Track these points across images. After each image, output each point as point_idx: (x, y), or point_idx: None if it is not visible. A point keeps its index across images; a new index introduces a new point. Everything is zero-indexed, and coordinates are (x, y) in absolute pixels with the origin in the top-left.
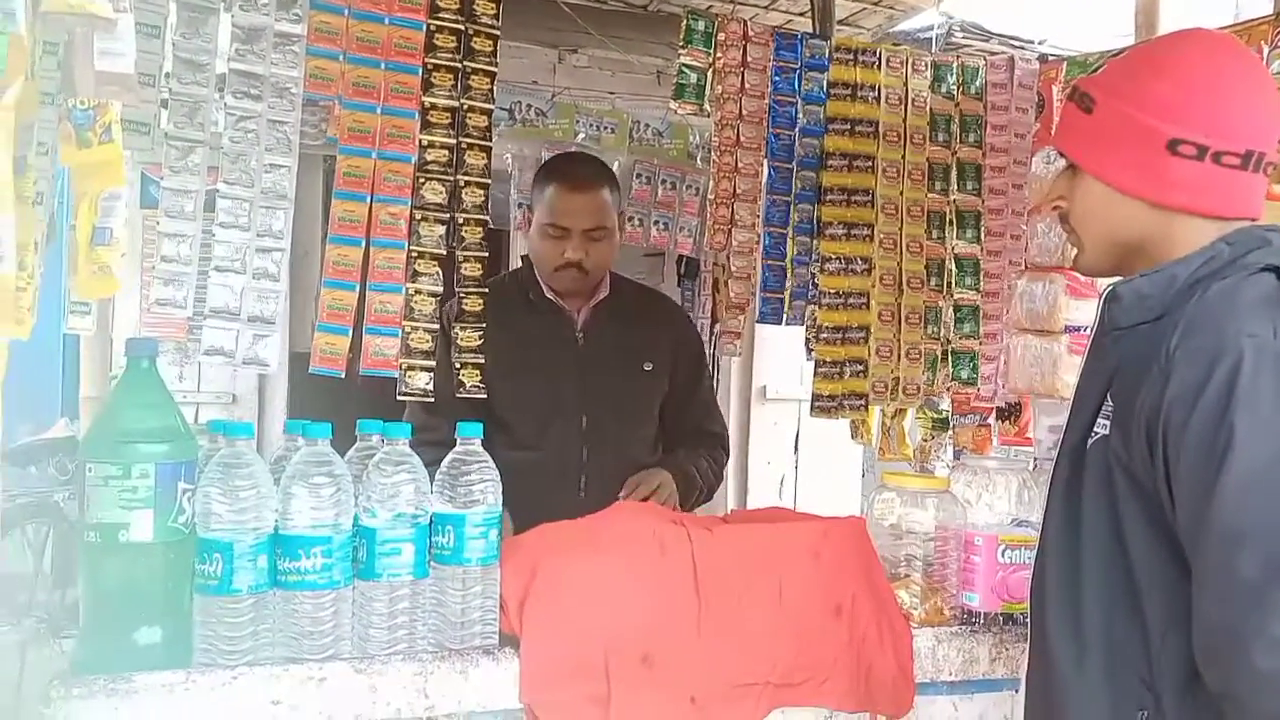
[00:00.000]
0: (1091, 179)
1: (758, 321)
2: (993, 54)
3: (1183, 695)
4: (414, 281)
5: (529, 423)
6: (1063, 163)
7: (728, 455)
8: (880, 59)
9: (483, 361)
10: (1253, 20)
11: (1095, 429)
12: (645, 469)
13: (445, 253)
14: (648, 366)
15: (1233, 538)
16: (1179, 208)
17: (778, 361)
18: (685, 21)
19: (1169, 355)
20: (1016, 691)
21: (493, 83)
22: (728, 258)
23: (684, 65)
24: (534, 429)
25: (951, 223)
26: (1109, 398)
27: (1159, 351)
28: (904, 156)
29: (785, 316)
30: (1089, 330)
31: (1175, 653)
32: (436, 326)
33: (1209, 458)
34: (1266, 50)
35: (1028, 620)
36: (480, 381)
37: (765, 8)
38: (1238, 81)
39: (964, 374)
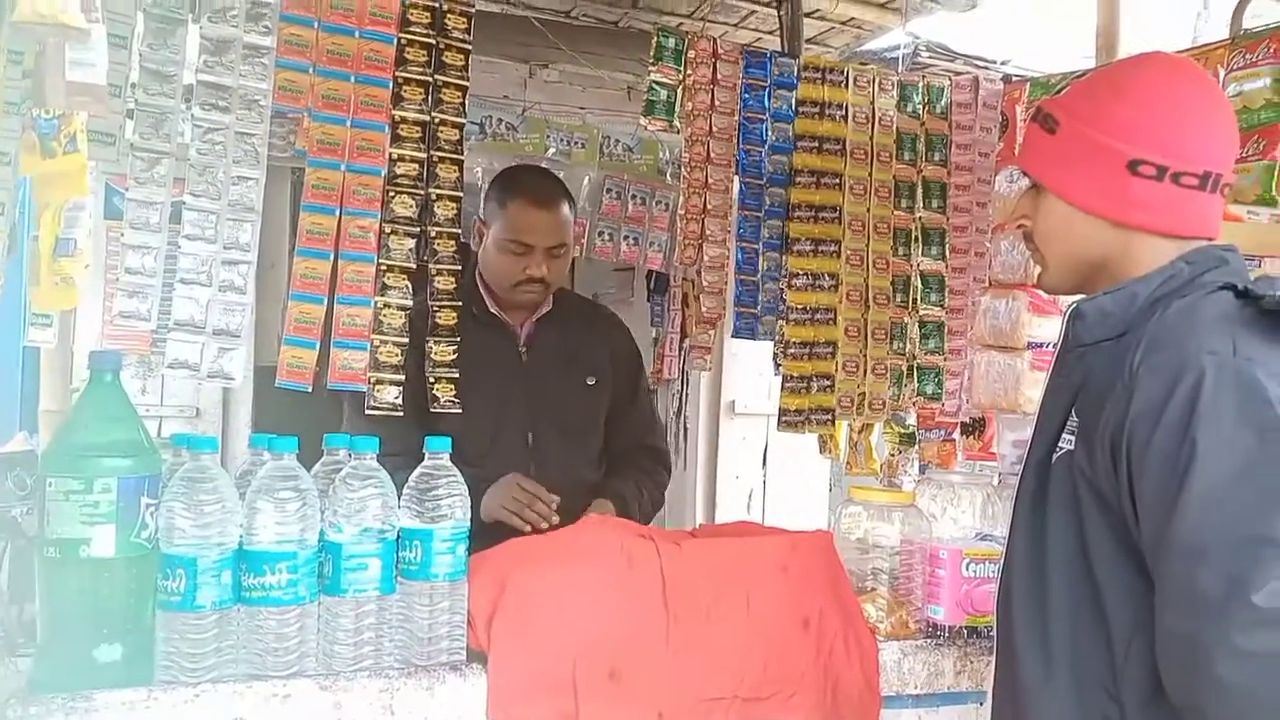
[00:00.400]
0: (1054, 198)
1: (732, 336)
2: (958, 74)
3: (1147, 707)
4: (383, 295)
5: (475, 439)
6: (1026, 182)
7: (668, 473)
8: (848, 78)
9: (457, 375)
10: (1209, 44)
11: (1060, 444)
12: (591, 484)
13: (414, 266)
14: (590, 380)
15: (1194, 552)
16: (1139, 226)
17: (746, 376)
18: (655, 38)
19: (1132, 372)
20: (981, 704)
21: (464, 96)
22: (698, 273)
23: (654, 82)
24: (480, 445)
25: (917, 240)
26: (1073, 413)
27: (1122, 368)
28: (870, 174)
29: (758, 331)
30: (1053, 346)
31: (1139, 664)
32: (406, 340)
33: (1171, 473)
34: (1223, 74)
35: (993, 633)
36: (455, 396)
37: (735, 25)
38: (1196, 104)
39: (929, 389)
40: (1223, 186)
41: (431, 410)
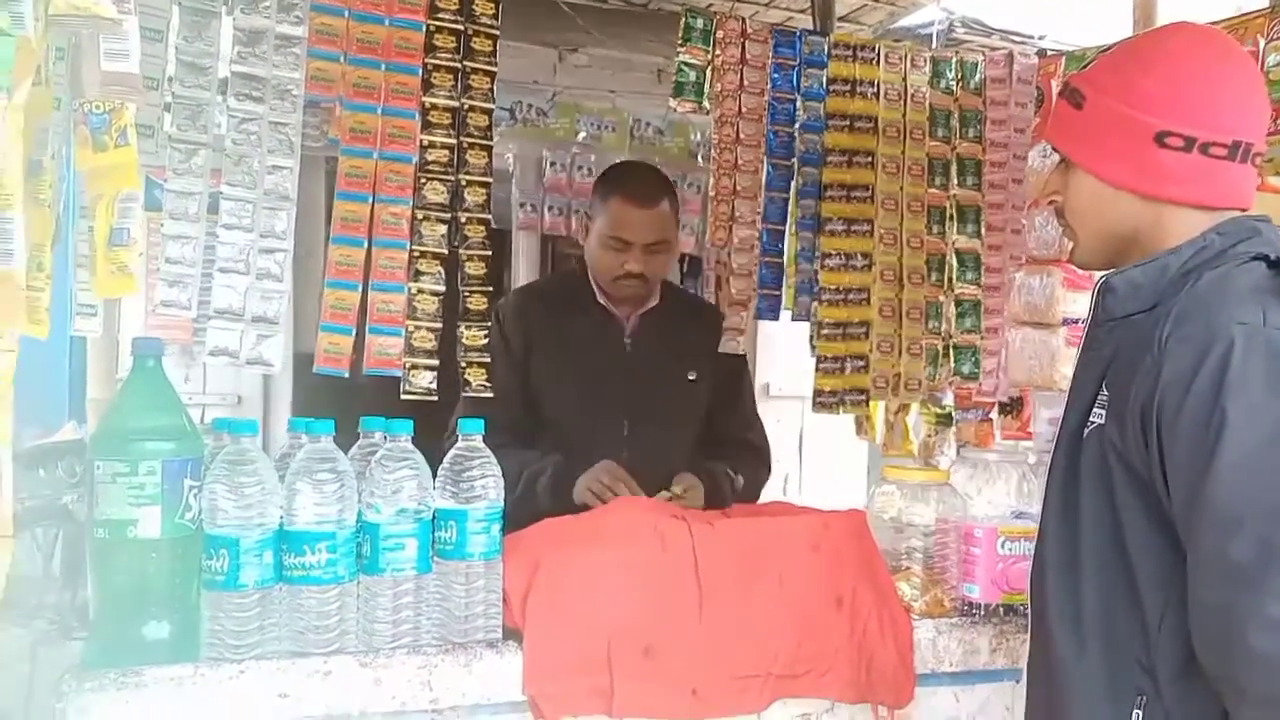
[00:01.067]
0: (1084, 173)
1: (756, 318)
2: (993, 49)
3: (1181, 679)
4: (416, 281)
5: (574, 424)
6: (1058, 157)
7: (768, 470)
8: (879, 55)
9: (488, 360)
10: (1249, 14)
11: (1091, 418)
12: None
13: (447, 252)
14: (691, 376)
15: (1226, 522)
16: (1169, 199)
17: (781, 359)
18: (684, 19)
19: (1162, 344)
20: (1017, 682)
21: (493, 82)
22: (729, 255)
23: (683, 63)
24: (578, 431)
25: (952, 218)
26: (1104, 387)
27: (1152, 340)
28: (904, 152)
29: (791, 313)
30: (1084, 321)
31: (1173, 637)
32: (440, 325)
33: (1202, 443)
34: (1263, 43)
35: (1028, 610)
36: (486, 380)
37: (766, 5)
38: (1223, 73)
39: (965, 369)
40: (1254, 156)
41: (463, 395)
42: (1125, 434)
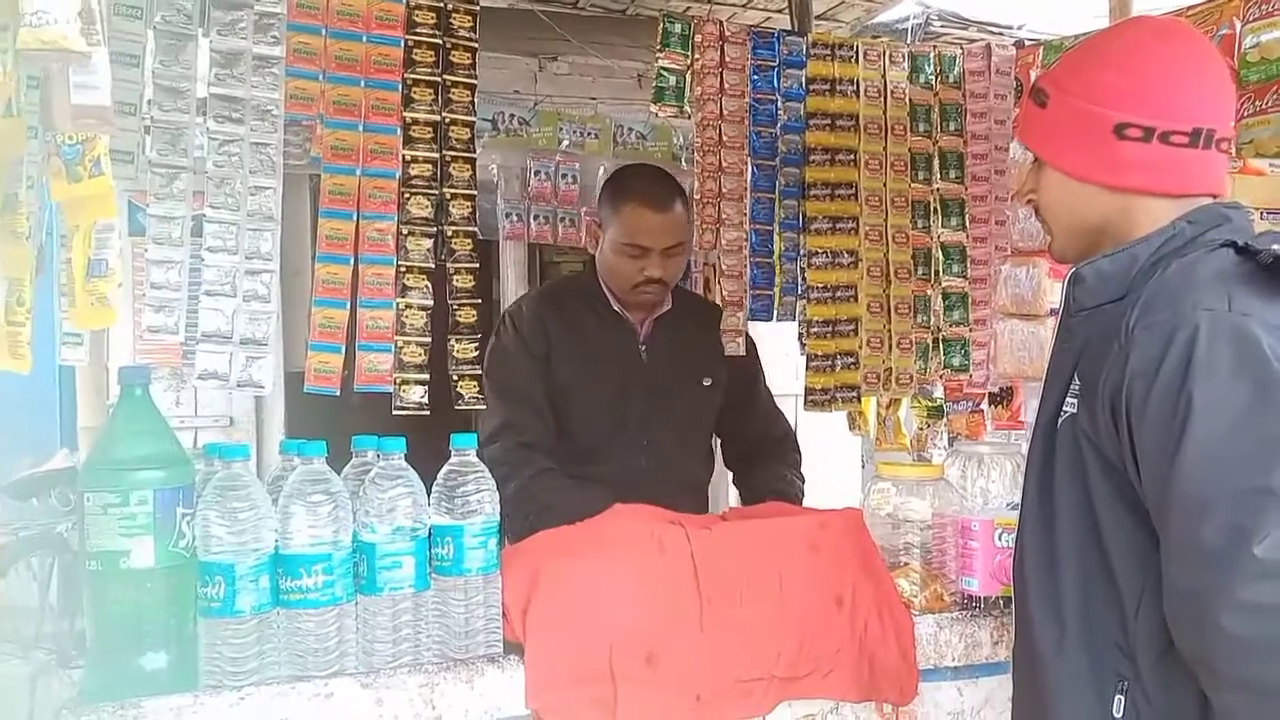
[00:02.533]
0: (1052, 169)
1: (749, 319)
2: (971, 41)
3: (1160, 662)
4: (404, 296)
5: (595, 435)
6: (1032, 156)
7: (800, 454)
8: (857, 53)
9: (479, 373)
10: None
11: (1064, 408)
12: (699, 482)
13: (433, 266)
14: (706, 381)
15: (1195, 506)
16: (1134, 189)
17: (773, 357)
18: (662, 25)
19: (1129, 332)
20: None
21: (473, 95)
22: (718, 257)
23: (662, 68)
24: (599, 441)
25: (936, 211)
26: (1076, 376)
27: (1120, 329)
28: (885, 148)
29: (775, 313)
30: (1057, 312)
31: (1150, 621)
32: (429, 340)
33: (1169, 429)
34: (1240, 26)
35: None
36: (478, 393)
37: (743, 6)
38: (1179, 63)
39: (956, 361)
40: (1219, 141)
41: (455, 408)
42: (1097, 422)
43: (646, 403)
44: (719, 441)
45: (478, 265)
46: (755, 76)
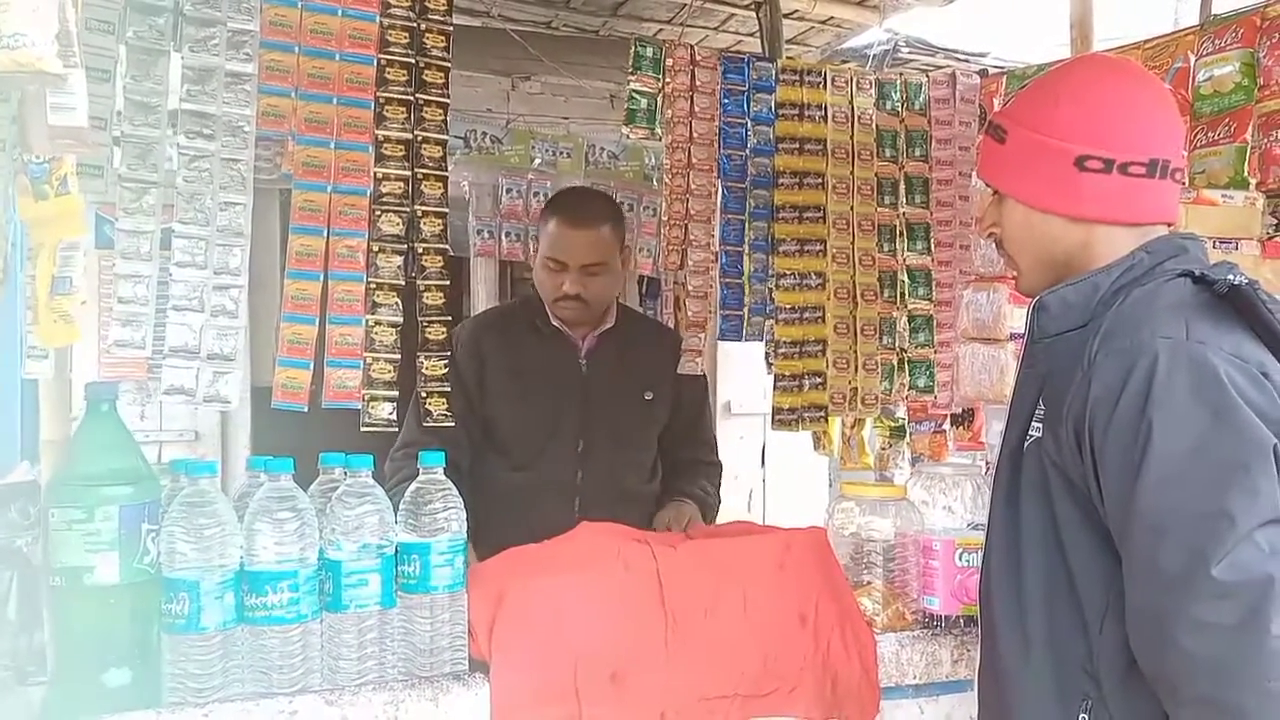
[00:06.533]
0: (1014, 203)
1: (718, 339)
2: (937, 68)
3: (1123, 681)
4: (374, 313)
5: (526, 445)
6: (991, 191)
7: (721, 481)
8: (826, 78)
9: (449, 390)
10: (1179, 31)
11: (1030, 432)
12: (638, 495)
13: (404, 283)
14: (648, 396)
15: (1154, 529)
16: (1095, 218)
17: (741, 377)
18: (634, 48)
19: (1091, 359)
20: None
21: (446, 113)
22: (685, 277)
23: (634, 91)
24: (531, 451)
25: (902, 235)
26: (1041, 402)
27: (1083, 356)
28: (853, 172)
29: (744, 333)
30: (1021, 339)
31: (1113, 641)
32: (398, 357)
33: (1130, 454)
34: (1194, 60)
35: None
36: (447, 410)
37: (715, 30)
38: (1134, 97)
39: (921, 382)
40: (1173, 172)
41: (424, 425)
42: (1061, 446)
43: (582, 413)
44: None
45: (448, 283)
46: (725, 100)
